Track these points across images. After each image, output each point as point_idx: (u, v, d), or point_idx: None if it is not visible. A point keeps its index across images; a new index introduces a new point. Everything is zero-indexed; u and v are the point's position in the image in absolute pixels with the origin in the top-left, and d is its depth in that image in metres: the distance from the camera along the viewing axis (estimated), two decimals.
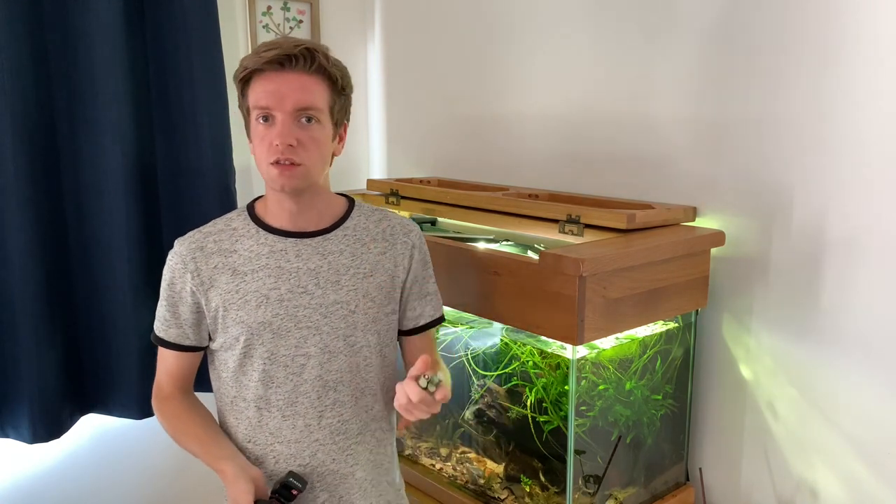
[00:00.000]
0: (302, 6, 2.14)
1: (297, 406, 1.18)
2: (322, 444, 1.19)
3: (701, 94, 1.50)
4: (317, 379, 1.17)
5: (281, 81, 1.08)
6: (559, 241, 1.50)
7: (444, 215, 1.79)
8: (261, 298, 1.15)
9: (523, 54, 1.85)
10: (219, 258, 1.16)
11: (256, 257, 1.16)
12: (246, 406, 1.19)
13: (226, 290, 1.15)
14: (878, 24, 1.23)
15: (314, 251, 1.18)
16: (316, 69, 1.10)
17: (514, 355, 1.55)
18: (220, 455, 1.14)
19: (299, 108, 1.09)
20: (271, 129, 1.09)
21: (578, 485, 1.42)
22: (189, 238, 1.18)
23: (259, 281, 1.15)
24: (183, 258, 1.16)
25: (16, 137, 1.55)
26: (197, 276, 1.15)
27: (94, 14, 1.62)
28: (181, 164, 1.80)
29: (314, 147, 1.11)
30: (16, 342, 1.62)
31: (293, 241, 1.17)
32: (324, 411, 1.19)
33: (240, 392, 1.19)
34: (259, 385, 1.17)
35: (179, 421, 1.21)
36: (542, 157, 1.84)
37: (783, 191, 1.39)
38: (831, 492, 1.38)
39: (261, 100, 1.09)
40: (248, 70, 1.10)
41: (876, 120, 1.25)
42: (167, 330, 1.19)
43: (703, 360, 1.57)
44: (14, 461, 1.78)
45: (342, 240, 1.20)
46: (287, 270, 1.16)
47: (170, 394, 1.23)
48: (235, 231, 1.18)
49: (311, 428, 1.18)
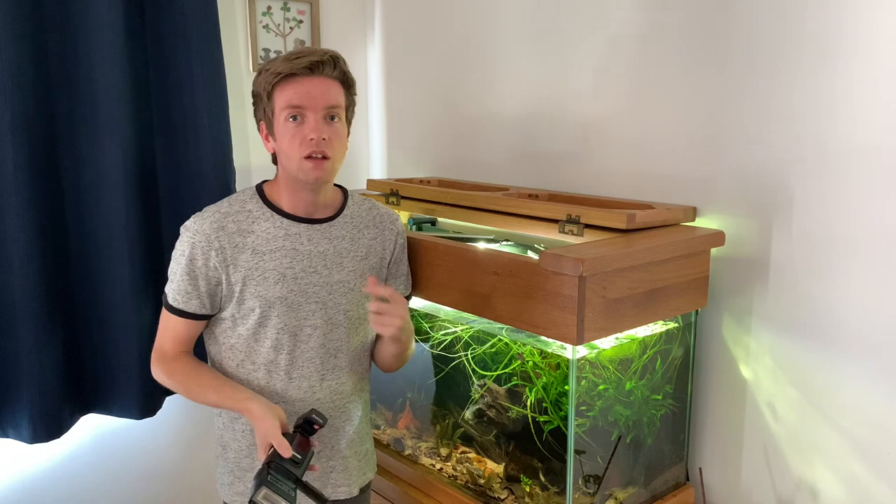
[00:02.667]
0: (302, 6, 2.14)
1: (303, 370, 1.33)
2: (322, 403, 1.35)
3: (701, 94, 1.50)
4: (321, 347, 1.34)
5: (312, 84, 1.23)
6: (559, 241, 1.50)
7: (444, 215, 1.79)
8: (278, 276, 1.28)
9: (523, 54, 1.85)
10: (239, 238, 1.28)
11: (274, 239, 1.29)
12: (255, 369, 1.32)
13: (246, 267, 1.27)
14: (877, 23, 1.23)
15: (323, 236, 1.33)
16: (338, 75, 1.27)
17: (513, 355, 1.55)
18: (241, 397, 1.24)
19: (328, 107, 1.24)
20: (303, 127, 1.23)
21: (578, 485, 1.42)
22: (210, 217, 1.28)
23: (277, 260, 1.29)
24: (207, 236, 1.26)
25: (15, 137, 1.55)
26: (221, 253, 1.26)
27: (94, 14, 1.62)
28: (181, 164, 1.80)
29: (339, 141, 1.27)
30: (16, 342, 1.62)
31: (305, 226, 1.32)
32: (325, 374, 1.35)
33: (249, 356, 1.32)
34: (270, 350, 1.31)
35: (191, 376, 1.30)
36: (542, 156, 1.84)
37: (783, 191, 1.39)
38: (831, 492, 1.38)
39: (293, 100, 1.22)
40: (282, 75, 1.22)
41: (876, 120, 1.25)
42: (188, 301, 1.28)
43: (703, 360, 1.57)
44: (14, 461, 1.78)
45: (343, 226, 1.36)
46: (301, 252, 1.31)
47: (176, 355, 1.32)
48: (251, 213, 1.30)
49: (314, 389, 1.34)
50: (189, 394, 1.31)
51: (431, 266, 1.51)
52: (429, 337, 1.74)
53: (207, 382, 1.29)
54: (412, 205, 1.87)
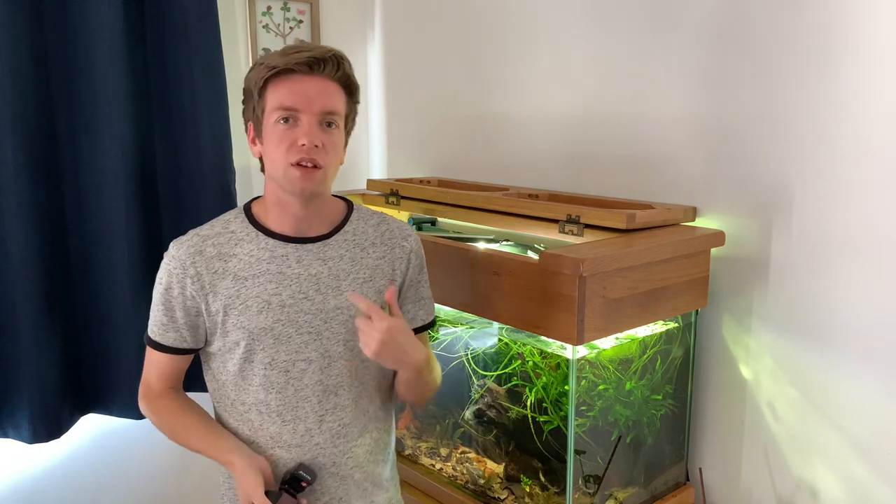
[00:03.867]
0: (302, 6, 2.14)
1: (298, 411, 1.17)
2: (322, 448, 1.19)
3: (701, 94, 1.50)
4: (317, 384, 1.17)
5: (309, 84, 1.09)
6: (559, 241, 1.50)
7: (444, 215, 1.79)
8: (262, 304, 1.13)
9: (523, 54, 1.85)
10: (219, 263, 1.14)
11: (257, 262, 1.14)
12: (246, 410, 1.18)
13: (227, 294, 1.13)
14: (877, 23, 1.23)
15: (315, 257, 1.17)
16: (340, 76, 1.12)
17: (513, 355, 1.55)
18: (225, 448, 1.14)
19: (325, 112, 1.10)
20: (294, 130, 1.09)
21: (578, 485, 1.42)
22: (187, 241, 1.15)
23: (260, 286, 1.14)
24: (182, 262, 1.14)
25: (16, 137, 1.55)
26: (197, 280, 1.13)
27: (94, 14, 1.62)
28: (181, 164, 1.80)
29: (333, 151, 1.12)
30: (16, 342, 1.62)
31: (294, 246, 1.16)
32: (324, 415, 1.18)
33: (239, 396, 1.18)
34: (260, 390, 1.16)
35: (175, 417, 1.20)
36: (542, 156, 1.84)
37: (783, 191, 1.39)
38: (831, 492, 1.38)
39: (286, 100, 1.08)
40: (277, 69, 1.09)
41: (876, 120, 1.25)
42: (164, 334, 1.17)
43: (703, 360, 1.57)
44: (14, 461, 1.78)
45: (342, 245, 1.19)
46: (289, 276, 1.15)
47: (161, 392, 1.22)
48: (234, 234, 1.16)
49: (312, 432, 1.18)
50: (174, 436, 1.20)
51: (431, 266, 1.51)
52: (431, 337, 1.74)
53: (192, 426, 1.18)
54: (412, 205, 1.87)
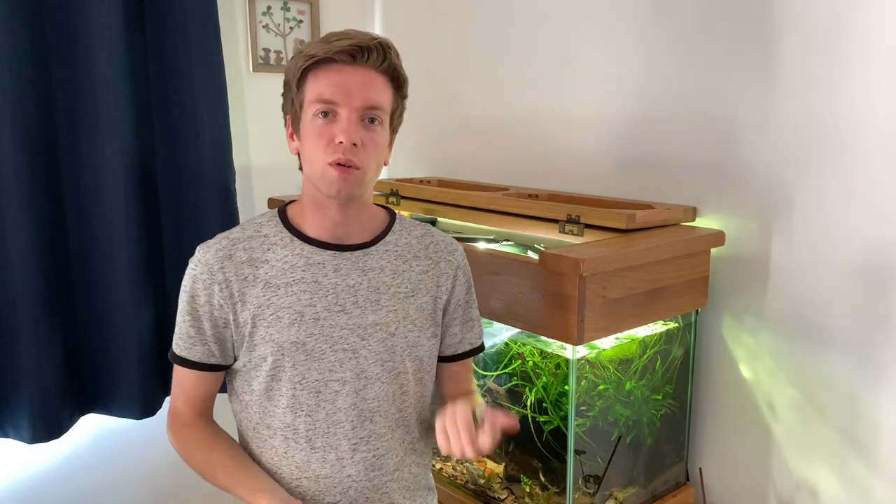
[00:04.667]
0: (302, 6, 2.14)
1: (329, 437, 1.06)
2: (355, 481, 1.08)
3: (701, 94, 1.50)
4: (351, 407, 1.07)
5: (350, 75, 1.00)
6: (559, 241, 1.50)
7: (444, 215, 1.79)
8: (294, 315, 1.04)
9: (523, 54, 1.85)
10: (249, 269, 1.04)
11: (291, 269, 1.05)
12: (271, 435, 1.07)
13: (256, 304, 1.04)
14: (877, 23, 1.23)
15: (354, 266, 1.07)
16: (386, 67, 1.04)
17: (513, 355, 1.55)
18: (255, 487, 1.02)
19: (367, 106, 1.01)
20: (332, 126, 1.00)
21: (578, 485, 1.42)
22: (215, 245, 1.06)
23: (293, 296, 1.04)
24: (210, 268, 1.04)
25: (16, 137, 1.55)
26: (226, 287, 1.04)
27: (94, 14, 1.62)
28: (181, 164, 1.80)
29: (374, 150, 1.03)
30: (16, 342, 1.62)
31: (332, 254, 1.07)
32: (358, 444, 1.08)
33: (263, 419, 1.08)
34: (287, 412, 1.06)
35: (203, 450, 1.08)
36: (541, 156, 1.84)
37: (783, 191, 1.39)
38: (831, 492, 1.38)
39: (325, 92, 1.00)
40: (316, 59, 1.00)
41: (876, 119, 1.25)
42: (191, 348, 1.06)
43: (703, 360, 1.57)
44: (14, 461, 1.78)
45: (383, 255, 1.10)
46: (324, 286, 1.05)
47: (190, 420, 1.11)
48: (267, 238, 1.07)
49: (344, 462, 1.07)
50: (201, 471, 1.08)
51: None
52: None
53: (220, 461, 1.06)
54: (412, 205, 1.87)
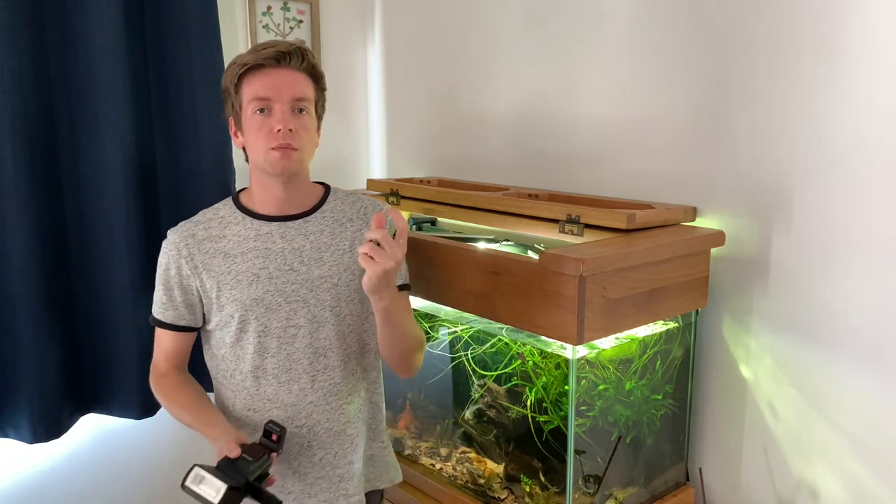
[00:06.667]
0: (302, 6, 2.14)
1: (292, 372, 1.29)
2: (316, 406, 1.31)
3: (701, 94, 1.50)
4: (308, 347, 1.29)
5: (278, 76, 1.23)
6: (559, 241, 1.50)
7: (444, 215, 1.79)
8: (251, 277, 1.27)
9: (523, 54, 1.85)
10: (210, 244, 1.28)
11: (244, 241, 1.28)
12: (243, 378, 1.30)
13: (219, 271, 1.27)
14: (877, 23, 1.23)
15: (297, 232, 1.30)
16: (305, 67, 1.25)
17: (513, 355, 1.55)
18: (210, 422, 1.24)
19: (295, 99, 1.23)
20: (270, 118, 1.22)
21: (578, 485, 1.42)
22: (181, 227, 1.30)
23: (249, 262, 1.27)
24: (176, 245, 1.28)
25: (16, 137, 1.55)
26: (191, 260, 1.28)
27: (94, 14, 1.62)
28: (181, 164, 1.80)
29: (306, 134, 1.25)
30: (15, 342, 1.62)
31: (278, 224, 1.30)
32: (316, 375, 1.30)
33: (237, 365, 1.30)
34: (255, 356, 1.28)
35: (173, 394, 1.31)
36: (541, 156, 1.84)
37: (783, 191, 1.39)
38: (831, 492, 1.38)
39: (260, 92, 1.22)
40: (248, 66, 1.22)
41: (876, 119, 1.25)
42: (164, 312, 1.31)
43: (703, 360, 1.57)
44: (14, 461, 1.78)
45: (321, 221, 1.33)
46: (273, 251, 1.28)
47: (166, 371, 1.34)
48: (223, 219, 1.31)
49: (306, 391, 1.30)
50: (171, 411, 1.31)
51: (431, 266, 1.51)
52: (429, 337, 1.74)
53: (185, 402, 1.29)
54: (412, 205, 1.87)
